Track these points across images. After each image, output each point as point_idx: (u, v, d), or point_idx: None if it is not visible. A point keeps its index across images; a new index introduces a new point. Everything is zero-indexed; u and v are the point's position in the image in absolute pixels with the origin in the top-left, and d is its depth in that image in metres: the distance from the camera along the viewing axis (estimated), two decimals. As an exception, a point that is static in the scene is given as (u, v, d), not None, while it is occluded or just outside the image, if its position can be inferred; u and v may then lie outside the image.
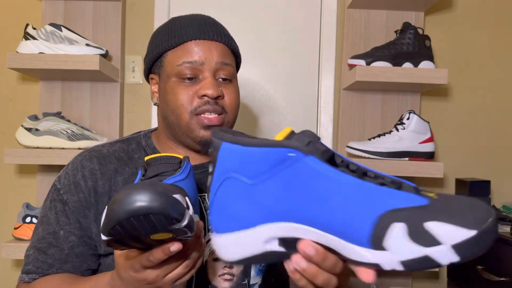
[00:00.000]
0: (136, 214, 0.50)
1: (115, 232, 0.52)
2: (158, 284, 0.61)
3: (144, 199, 0.50)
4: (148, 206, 0.50)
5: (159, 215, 0.51)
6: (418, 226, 0.40)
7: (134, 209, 0.50)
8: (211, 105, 0.78)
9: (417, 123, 1.43)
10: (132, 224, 0.51)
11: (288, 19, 1.69)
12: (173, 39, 0.81)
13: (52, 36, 1.40)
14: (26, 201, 1.50)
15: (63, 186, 0.81)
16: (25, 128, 1.42)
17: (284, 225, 0.47)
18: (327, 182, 0.44)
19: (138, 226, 0.52)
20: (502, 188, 1.64)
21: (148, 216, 0.50)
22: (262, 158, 0.47)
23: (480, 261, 1.35)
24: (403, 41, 1.45)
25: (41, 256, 0.78)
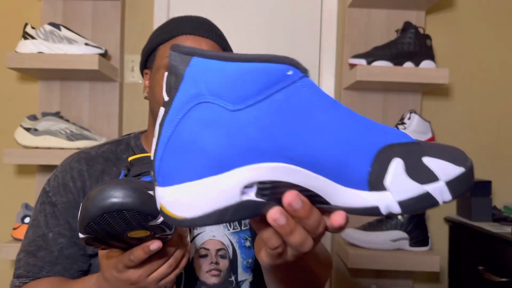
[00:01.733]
0: (109, 210, 0.49)
1: (91, 229, 0.51)
2: (142, 284, 0.61)
3: (117, 195, 0.49)
4: (120, 202, 0.49)
5: (133, 212, 0.49)
6: (416, 161, 0.38)
7: (107, 206, 0.49)
8: None
9: (418, 123, 1.42)
10: (106, 221, 0.50)
11: (288, 19, 1.68)
12: (166, 34, 0.83)
13: (51, 36, 1.40)
14: (25, 201, 1.49)
15: (52, 188, 0.82)
16: (24, 128, 1.41)
17: (269, 165, 0.38)
18: (327, 110, 0.38)
19: (113, 223, 0.51)
20: (503, 189, 1.64)
21: (121, 212, 0.49)
22: (251, 76, 0.37)
23: (481, 261, 1.34)
24: (404, 41, 1.44)
25: (31, 259, 0.79)
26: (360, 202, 0.38)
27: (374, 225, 1.45)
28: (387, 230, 1.42)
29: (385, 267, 1.38)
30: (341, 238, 1.50)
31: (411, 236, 1.42)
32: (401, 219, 1.42)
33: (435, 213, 1.63)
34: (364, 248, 1.43)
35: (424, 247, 1.43)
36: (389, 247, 1.42)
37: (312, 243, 0.43)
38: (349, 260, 1.38)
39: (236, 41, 1.66)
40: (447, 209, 1.63)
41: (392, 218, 1.42)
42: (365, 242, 1.42)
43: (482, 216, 1.47)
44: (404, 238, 1.42)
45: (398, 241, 1.42)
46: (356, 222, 1.58)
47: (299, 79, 0.38)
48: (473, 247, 1.42)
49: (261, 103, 0.37)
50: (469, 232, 1.45)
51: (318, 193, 0.39)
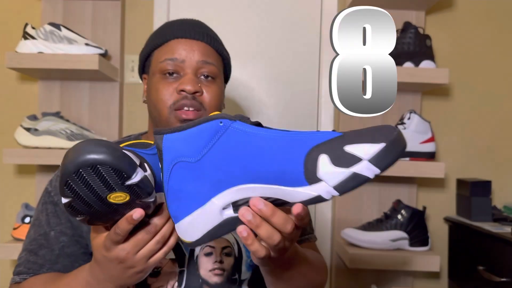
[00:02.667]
0: (84, 165, 0.51)
1: (70, 190, 0.53)
2: (131, 262, 0.62)
3: (91, 150, 0.51)
4: (94, 157, 0.51)
5: (107, 167, 0.51)
6: (339, 151, 0.48)
7: (81, 161, 0.51)
8: (188, 100, 0.79)
9: (418, 123, 1.42)
10: (83, 179, 0.52)
11: (288, 19, 1.68)
12: (159, 38, 0.85)
13: (51, 36, 1.40)
14: (25, 201, 1.49)
15: (54, 188, 0.84)
16: (24, 128, 1.41)
17: (233, 189, 0.53)
18: (256, 139, 0.51)
19: (90, 182, 0.52)
20: (503, 189, 1.64)
21: (96, 168, 0.51)
22: (198, 135, 0.54)
23: (481, 261, 1.34)
24: (404, 41, 1.44)
25: (32, 257, 0.80)
26: (306, 195, 0.50)
27: (374, 225, 1.45)
28: (387, 230, 1.42)
29: (385, 267, 1.38)
30: (341, 238, 1.51)
31: (411, 236, 1.42)
32: (401, 219, 1.42)
33: (435, 213, 1.63)
34: (364, 248, 1.43)
35: (424, 247, 1.43)
36: (389, 247, 1.42)
37: (280, 237, 0.54)
38: (349, 260, 1.38)
39: (236, 41, 1.66)
40: (447, 209, 1.64)
41: (392, 218, 1.43)
42: (365, 242, 1.42)
43: (482, 216, 1.47)
44: (404, 238, 1.42)
45: (398, 241, 1.42)
46: (356, 222, 1.58)
47: (230, 125, 0.53)
48: (473, 247, 1.42)
49: (211, 150, 0.53)
50: (469, 232, 1.45)
51: (278, 197, 0.52)
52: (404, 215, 1.42)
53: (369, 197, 1.60)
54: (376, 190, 1.60)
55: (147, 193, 0.56)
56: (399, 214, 1.42)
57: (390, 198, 1.58)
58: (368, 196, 1.60)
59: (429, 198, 1.64)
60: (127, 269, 0.63)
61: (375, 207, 1.60)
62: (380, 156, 0.47)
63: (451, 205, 1.63)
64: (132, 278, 0.65)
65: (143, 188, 0.55)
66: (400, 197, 1.57)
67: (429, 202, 1.62)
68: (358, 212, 1.60)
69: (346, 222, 1.59)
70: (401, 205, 1.44)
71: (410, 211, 1.42)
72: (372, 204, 1.60)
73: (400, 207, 1.43)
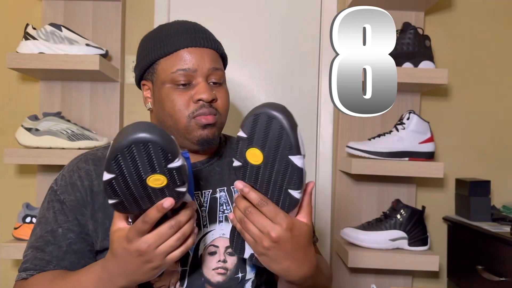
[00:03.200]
0: (137, 141, 0.58)
1: (117, 165, 0.59)
2: (150, 255, 0.65)
3: (146, 130, 0.58)
4: (149, 136, 0.58)
5: (157, 146, 0.58)
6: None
7: (136, 137, 0.58)
8: (206, 108, 0.83)
9: (417, 123, 1.43)
10: (132, 155, 0.58)
11: (288, 19, 1.68)
12: (166, 47, 0.85)
13: (52, 36, 1.40)
14: (26, 201, 1.49)
15: (60, 187, 0.85)
16: (25, 128, 1.42)
17: None
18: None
19: (137, 159, 0.59)
20: (502, 188, 1.64)
21: (147, 146, 0.58)
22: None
23: (480, 261, 1.35)
24: (403, 41, 1.45)
25: (39, 254, 0.80)
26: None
27: (373, 224, 1.46)
28: (387, 230, 1.43)
29: (384, 266, 1.39)
30: (341, 237, 1.51)
31: (410, 235, 1.43)
32: (400, 219, 1.42)
33: (434, 212, 1.64)
34: (364, 247, 1.43)
35: (423, 247, 1.44)
36: (388, 246, 1.42)
37: (270, 244, 0.66)
38: (349, 260, 1.39)
39: (236, 41, 1.67)
40: (446, 208, 1.64)
41: (392, 218, 1.43)
42: (365, 242, 1.42)
43: (481, 216, 1.47)
44: (403, 237, 1.43)
45: (397, 240, 1.42)
46: (356, 221, 1.59)
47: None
48: (472, 247, 1.43)
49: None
50: (468, 231, 1.46)
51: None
52: (403, 214, 1.42)
53: (369, 196, 1.61)
54: (375, 189, 1.61)
55: (182, 181, 0.62)
56: (399, 213, 1.43)
57: (389, 197, 1.59)
58: (367, 196, 1.61)
59: (428, 198, 1.64)
60: (144, 263, 0.66)
61: (374, 207, 1.60)
62: (240, 143, 0.67)
63: (450, 205, 1.64)
64: (146, 274, 0.68)
65: (180, 174, 0.61)
66: (399, 196, 1.58)
67: (428, 201, 1.63)
68: (358, 211, 1.60)
69: (345, 221, 1.60)
70: (400, 205, 1.44)
71: (409, 210, 1.42)
72: (371, 203, 1.61)
73: (400, 207, 1.44)
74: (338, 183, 1.62)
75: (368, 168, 1.39)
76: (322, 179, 1.65)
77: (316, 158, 1.68)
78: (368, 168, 1.39)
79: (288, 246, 0.66)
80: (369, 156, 1.41)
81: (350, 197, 1.61)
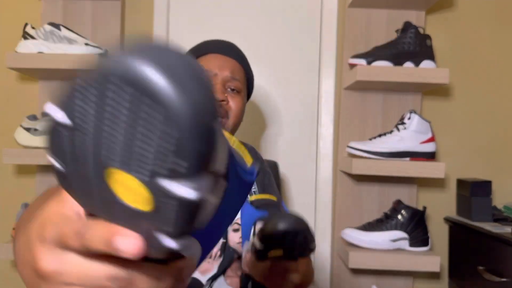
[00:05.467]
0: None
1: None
2: (47, 285, 0.31)
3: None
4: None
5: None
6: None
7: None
8: None
9: (418, 123, 1.42)
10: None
11: (288, 19, 1.68)
12: (197, 51, 1.01)
13: (51, 36, 1.40)
14: (25, 202, 1.49)
15: None
16: (24, 128, 1.41)
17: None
18: None
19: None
20: (504, 189, 1.64)
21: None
22: None
23: (481, 261, 1.34)
24: (404, 41, 1.44)
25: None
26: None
27: (374, 225, 1.45)
28: (387, 230, 1.42)
29: (385, 267, 1.38)
30: (341, 238, 1.50)
31: (411, 236, 1.42)
32: (401, 219, 1.42)
33: (435, 213, 1.63)
34: (364, 248, 1.42)
35: (424, 247, 1.43)
36: (389, 247, 1.42)
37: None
38: (349, 260, 1.38)
39: (236, 41, 1.66)
40: (447, 209, 1.64)
41: (392, 218, 1.42)
42: (365, 242, 1.42)
43: (482, 216, 1.47)
44: (404, 238, 1.42)
45: (398, 241, 1.42)
46: (356, 222, 1.58)
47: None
48: (473, 247, 1.42)
49: None
50: (469, 232, 1.45)
51: None
52: (404, 215, 1.42)
53: (369, 197, 1.60)
54: (376, 190, 1.60)
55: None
56: (399, 214, 1.42)
57: (390, 198, 1.58)
58: (368, 196, 1.60)
59: (429, 198, 1.64)
60: (34, 283, 0.33)
61: (375, 207, 1.60)
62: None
63: (451, 205, 1.63)
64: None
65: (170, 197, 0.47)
66: (400, 197, 1.57)
67: (429, 202, 1.62)
68: (358, 212, 1.60)
69: (346, 222, 1.59)
70: (401, 205, 1.43)
71: (411, 211, 1.42)
72: (372, 204, 1.60)
73: (400, 207, 1.43)
74: (338, 183, 1.61)
75: (369, 168, 1.39)
76: (323, 180, 1.65)
77: (316, 158, 1.67)
78: (369, 168, 1.39)
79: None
80: (370, 156, 1.41)
81: (350, 198, 1.60)
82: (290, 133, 1.68)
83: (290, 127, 1.68)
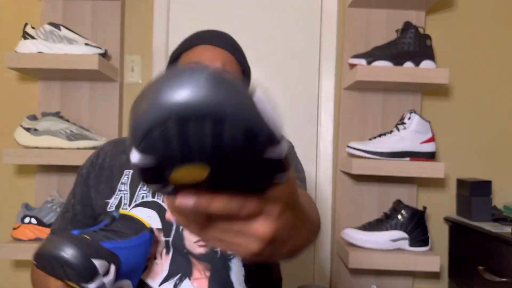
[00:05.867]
0: (56, 259, 0.62)
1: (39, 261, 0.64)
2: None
3: (66, 251, 0.62)
4: (65, 258, 0.61)
5: (71, 269, 0.62)
6: None
7: (56, 255, 0.62)
8: None
9: (418, 123, 1.42)
10: (52, 267, 0.63)
11: (288, 18, 1.68)
12: (187, 43, 0.94)
13: (51, 36, 1.40)
14: (25, 202, 1.49)
15: (85, 163, 0.95)
16: (24, 128, 1.41)
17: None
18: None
19: (56, 270, 0.63)
20: (503, 189, 1.64)
21: (63, 265, 0.62)
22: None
23: (481, 261, 1.34)
24: (404, 41, 1.44)
25: (59, 220, 0.92)
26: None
27: (374, 225, 1.45)
28: (387, 230, 1.42)
29: (385, 267, 1.38)
30: (341, 238, 1.50)
31: (411, 236, 1.42)
32: (401, 219, 1.42)
33: (435, 213, 1.63)
34: (364, 248, 1.43)
35: (424, 247, 1.43)
36: (389, 247, 1.42)
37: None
38: (349, 260, 1.38)
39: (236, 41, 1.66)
40: (447, 209, 1.64)
41: (392, 218, 1.42)
42: (365, 242, 1.42)
43: (482, 216, 1.47)
44: (404, 238, 1.42)
45: (398, 241, 1.42)
46: (356, 222, 1.58)
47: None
48: (473, 247, 1.42)
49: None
50: (469, 232, 1.45)
51: None
52: (404, 215, 1.42)
53: (369, 197, 1.60)
54: (376, 190, 1.60)
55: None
56: (399, 214, 1.42)
57: (390, 198, 1.58)
58: (368, 196, 1.60)
59: (429, 198, 1.64)
60: None
61: (375, 207, 1.60)
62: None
63: (451, 205, 1.63)
64: None
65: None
66: (400, 197, 1.57)
67: (429, 202, 1.62)
68: (358, 212, 1.60)
69: (346, 222, 1.59)
70: (401, 205, 1.44)
71: (410, 211, 1.42)
72: (372, 204, 1.60)
73: (400, 207, 1.43)
74: (338, 183, 1.61)
75: (368, 168, 1.39)
76: (323, 179, 1.65)
77: (316, 158, 1.67)
78: (368, 168, 1.39)
79: (286, 231, 0.41)
80: (370, 156, 1.41)
81: (350, 198, 1.60)
82: (290, 133, 1.68)
83: (290, 127, 1.68)
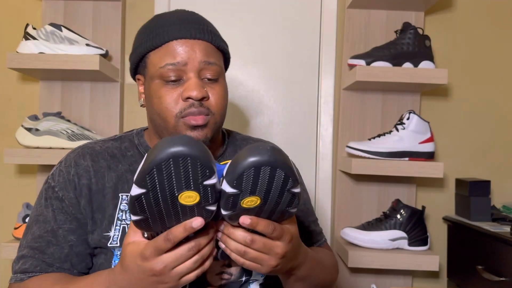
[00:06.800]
0: (175, 155, 0.53)
1: (150, 179, 0.54)
2: (164, 277, 0.61)
3: (185, 144, 0.54)
4: (187, 150, 0.53)
5: (196, 161, 0.53)
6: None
7: (175, 151, 0.53)
8: (196, 107, 0.76)
9: (417, 123, 1.43)
10: (168, 170, 0.53)
11: (288, 19, 1.69)
12: (155, 39, 0.79)
13: (52, 36, 1.40)
14: (26, 201, 1.50)
15: (58, 183, 0.80)
16: (25, 128, 1.42)
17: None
18: None
19: (173, 174, 0.54)
20: (502, 188, 1.64)
21: (186, 160, 0.53)
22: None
23: (480, 261, 1.35)
24: (403, 41, 1.45)
25: (38, 255, 0.77)
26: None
27: (373, 224, 1.46)
28: (386, 230, 1.43)
29: (384, 266, 1.39)
30: (341, 237, 1.51)
31: (410, 235, 1.43)
32: (400, 219, 1.42)
33: (434, 212, 1.64)
34: (364, 247, 1.43)
35: (423, 247, 1.44)
36: (388, 246, 1.42)
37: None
38: (349, 260, 1.39)
39: (236, 41, 1.67)
40: (446, 208, 1.64)
41: (392, 218, 1.43)
42: (365, 242, 1.43)
43: (481, 216, 1.47)
44: (403, 237, 1.43)
45: (397, 240, 1.42)
46: (356, 221, 1.59)
47: None
48: (472, 247, 1.43)
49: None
50: (468, 231, 1.46)
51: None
52: (403, 214, 1.42)
53: (369, 196, 1.61)
54: (375, 189, 1.61)
55: (215, 199, 0.58)
56: (399, 213, 1.43)
57: (389, 197, 1.59)
58: (367, 196, 1.61)
59: (428, 198, 1.64)
60: (157, 283, 0.62)
61: (374, 207, 1.60)
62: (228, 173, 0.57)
63: (450, 205, 1.64)
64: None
65: (214, 192, 0.57)
66: (399, 196, 1.58)
67: (428, 201, 1.63)
68: (358, 211, 1.60)
69: (345, 221, 1.60)
70: (400, 205, 1.44)
71: (410, 210, 1.42)
72: (371, 203, 1.61)
73: (400, 207, 1.44)
74: (338, 183, 1.62)
75: (368, 168, 1.40)
76: (322, 179, 1.65)
77: (316, 158, 1.68)
78: (368, 168, 1.40)
79: (291, 254, 0.69)
80: (369, 156, 1.41)
81: (350, 197, 1.61)
82: (290, 133, 1.68)
83: (290, 127, 1.68)
